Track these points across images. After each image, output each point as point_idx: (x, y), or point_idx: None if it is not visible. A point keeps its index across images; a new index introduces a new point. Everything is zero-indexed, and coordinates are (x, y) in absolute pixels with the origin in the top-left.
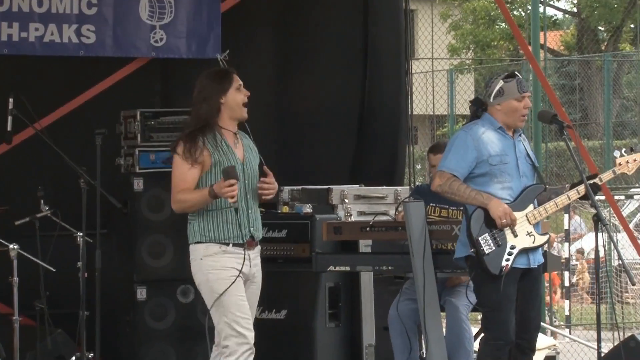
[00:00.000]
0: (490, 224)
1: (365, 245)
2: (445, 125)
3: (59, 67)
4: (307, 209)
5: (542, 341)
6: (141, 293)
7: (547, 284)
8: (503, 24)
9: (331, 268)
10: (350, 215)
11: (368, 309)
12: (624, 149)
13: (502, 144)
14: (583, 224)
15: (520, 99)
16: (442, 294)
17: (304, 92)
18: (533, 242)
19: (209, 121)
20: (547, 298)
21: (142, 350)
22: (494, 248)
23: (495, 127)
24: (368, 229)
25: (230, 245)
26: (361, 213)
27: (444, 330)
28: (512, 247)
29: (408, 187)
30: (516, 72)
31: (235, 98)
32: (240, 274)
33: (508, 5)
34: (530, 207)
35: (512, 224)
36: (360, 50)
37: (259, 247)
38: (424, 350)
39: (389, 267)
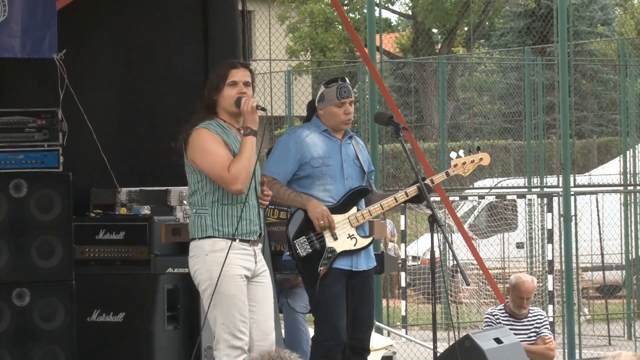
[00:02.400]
0: (310, 226)
1: None
2: (283, 126)
3: None
4: (145, 210)
5: (379, 341)
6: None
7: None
8: (340, 27)
9: (170, 270)
10: (189, 216)
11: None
12: (461, 150)
13: (327, 147)
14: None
15: (340, 104)
16: (280, 296)
17: (145, 91)
18: (354, 245)
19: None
20: (384, 299)
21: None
22: (310, 250)
23: (321, 130)
24: None
25: (238, 240)
26: None
27: (283, 332)
28: (331, 250)
29: None
30: (342, 78)
31: (230, 94)
32: (246, 273)
33: (345, 7)
34: (354, 209)
35: (329, 226)
36: (200, 52)
37: (261, 245)
38: None
39: None
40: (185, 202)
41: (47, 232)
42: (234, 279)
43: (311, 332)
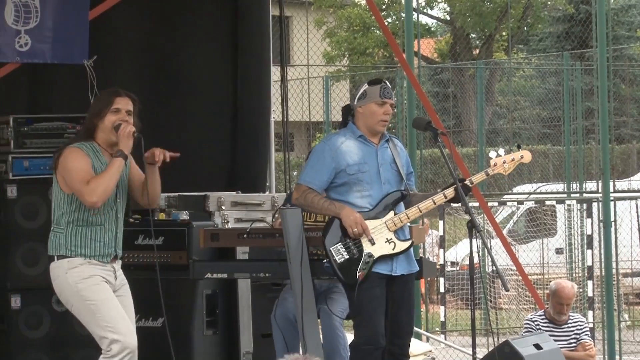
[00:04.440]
0: (346, 232)
1: (242, 253)
2: (319, 136)
3: None
4: (184, 215)
5: (418, 347)
6: (15, 302)
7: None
8: (378, 32)
9: (208, 275)
10: (227, 222)
11: (245, 316)
12: (501, 149)
13: (362, 152)
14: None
15: (381, 103)
16: (318, 301)
17: (172, 97)
18: (393, 249)
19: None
20: (423, 304)
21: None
22: (346, 257)
23: (356, 136)
24: (245, 236)
25: (93, 259)
26: (238, 220)
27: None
28: (369, 255)
29: (285, 193)
30: (385, 81)
31: (111, 119)
32: (110, 285)
33: (382, 13)
34: (391, 214)
35: (364, 233)
36: (230, 56)
37: (120, 262)
38: None
39: (267, 274)
40: (224, 207)
41: None
42: (100, 285)
43: (349, 337)
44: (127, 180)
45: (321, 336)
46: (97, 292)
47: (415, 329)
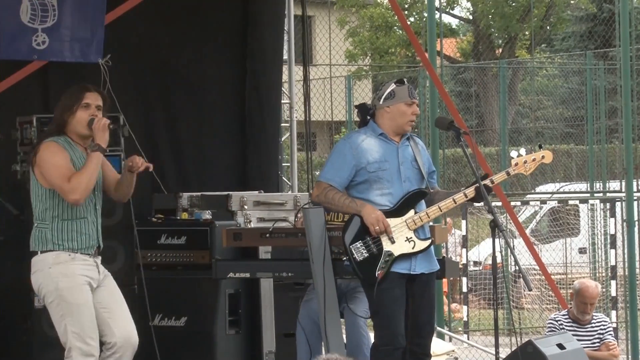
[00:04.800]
0: (367, 231)
1: (265, 252)
2: (343, 131)
3: None
4: (207, 215)
5: (441, 347)
6: (38, 300)
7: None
8: (400, 31)
9: (231, 275)
10: (250, 221)
11: (268, 316)
12: (522, 149)
13: (383, 150)
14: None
15: (410, 103)
16: (341, 300)
17: (187, 98)
18: (413, 248)
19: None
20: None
21: (39, 358)
22: (366, 255)
23: (377, 134)
24: (268, 235)
25: (79, 253)
26: (261, 219)
27: (344, 336)
28: (389, 254)
29: (308, 193)
30: (406, 81)
31: (82, 115)
32: (90, 282)
33: (405, 12)
34: (411, 212)
35: (385, 231)
36: (240, 55)
37: (100, 256)
38: None
39: (289, 274)
40: (246, 207)
41: (110, 237)
42: (80, 288)
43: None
44: (102, 174)
45: (344, 336)
46: (75, 296)
47: (438, 328)
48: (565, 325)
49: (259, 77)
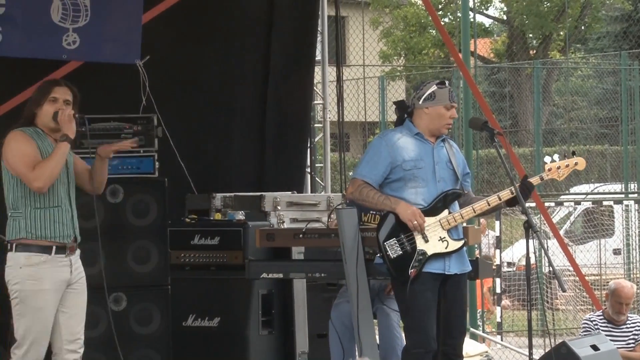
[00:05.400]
0: (401, 228)
1: (298, 253)
2: (377, 131)
3: None
4: (240, 215)
5: (474, 348)
6: None
7: (485, 290)
8: (434, 31)
9: (264, 275)
10: (283, 222)
11: (301, 316)
12: (556, 155)
13: (419, 150)
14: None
15: (450, 107)
16: (374, 301)
17: (210, 99)
18: (446, 248)
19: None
20: (480, 304)
21: None
22: (400, 253)
23: (413, 133)
24: (301, 235)
25: (53, 250)
26: (294, 220)
27: (377, 337)
28: (422, 253)
29: (341, 194)
30: (448, 83)
31: (48, 109)
32: (60, 286)
33: (439, 12)
34: (445, 212)
35: (422, 226)
36: (262, 55)
37: (78, 251)
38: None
39: (322, 274)
40: (279, 207)
41: (143, 237)
42: (43, 293)
43: None
44: (73, 167)
45: (378, 336)
46: (37, 300)
47: (472, 329)
48: (600, 326)
49: (280, 77)
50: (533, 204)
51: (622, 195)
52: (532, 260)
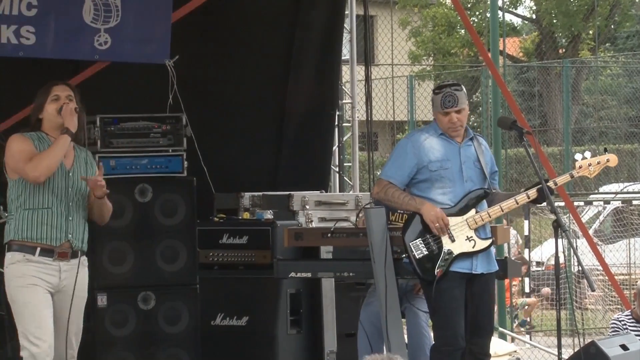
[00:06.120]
0: (427, 229)
1: (326, 252)
2: (405, 129)
3: (14, 72)
4: (268, 215)
5: (503, 347)
6: (101, 300)
7: (513, 289)
8: (463, 31)
9: (292, 274)
10: (311, 221)
11: (329, 316)
12: (586, 152)
13: (445, 150)
14: (518, 236)
15: (444, 113)
16: (403, 300)
17: (232, 98)
18: (473, 247)
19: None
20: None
21: (102, 357)
22: (426, 253)
23: (439, 133)
24: (329, 235)
25: (37, 251)
26: (322, 219)
27: (405, 336)
28: (449, 252)
29: (369, 193)
30: (453, 84)
31: (52, 107)
32: (48, 287)
33: (467, 12)
34: (472, 211)
35: (445, 228)
36: (284, 53)
37: (79, 260)
38: None
39: (350, 274)
40: (307, 206)
41: (172, 237)
42: (27, 288)
43: None
44: (86, 188)
45: (406, 335)
46: (24, 294)
47: (500, 329)
48: (629, 326)
49: (301, 74)
50: (562, 203)
51: None
52: (561, 260)
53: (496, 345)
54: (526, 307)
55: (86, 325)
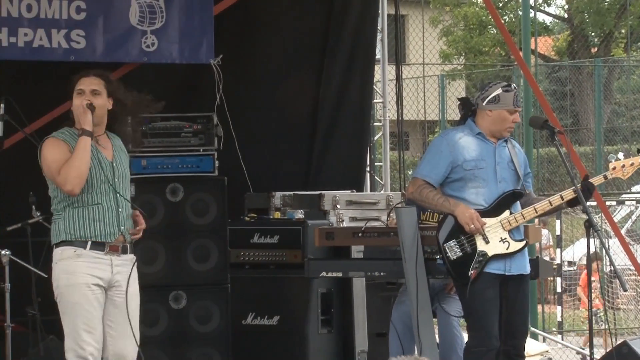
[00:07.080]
0: (461, 230)
1: (357, 251)
2: (436, 130)
3: (50, 72)
4: (299, 214)
5: (535, 347)
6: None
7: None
8: (494, 30)
9: (323, 274)
10: (342, 221)
11: (360, 315)
12: (620, 153)
13: (480, 149)
14: (550, 236)
15: (513, 111)
16: (434, 300)
17: (267, 97)
18: (507, 249)
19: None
20: (539, 304)
21: None
22: (460, 254)
23: (475, 133)
24: (360, 234)
25: (89, 245)
26: (353, 219)
27: (437, 336)
28: (483, 254)
29: (400, 192)
30: (514, 86)
31: (76, 103)
32: (98, 282)
33: (499, 10)
34: (506, 213)
35: (480, 229)
36: (317, 54)
37: (130, 256)
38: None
39: (381, 273)
40: (338, 206)
41: (203, 236)
42: (78, 287)
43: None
44: (127, 166)
45: (437, 336)
46: (72, 294)
47: (532, 329)
48: None
49: (334, 75)
50: (594, 203)
51: None
52: (593, 260)
53: (528, 345)
54: None
55: None
